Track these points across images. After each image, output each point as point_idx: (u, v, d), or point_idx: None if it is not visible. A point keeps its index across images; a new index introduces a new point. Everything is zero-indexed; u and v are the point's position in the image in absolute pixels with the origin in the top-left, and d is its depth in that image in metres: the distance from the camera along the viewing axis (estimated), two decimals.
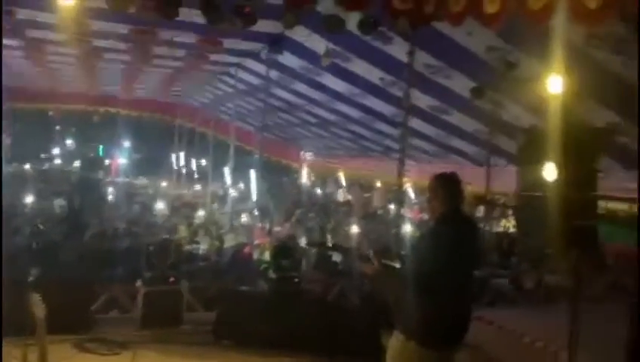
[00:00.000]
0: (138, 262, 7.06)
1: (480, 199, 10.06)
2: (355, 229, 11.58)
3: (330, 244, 5.10)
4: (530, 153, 5.09)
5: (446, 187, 3.37)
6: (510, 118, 8.52)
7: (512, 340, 7.06)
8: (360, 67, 9.55)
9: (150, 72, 14.74)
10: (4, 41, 11.41)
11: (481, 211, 10.11)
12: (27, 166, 25.77)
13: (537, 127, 5.35)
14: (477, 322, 3.37)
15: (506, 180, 9.60)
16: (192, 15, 6.96)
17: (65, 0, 4.87)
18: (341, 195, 22.07)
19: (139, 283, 6.79)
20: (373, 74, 9.63)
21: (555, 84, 4.75)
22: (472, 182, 9.07)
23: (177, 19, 6.60)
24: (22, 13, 8.94)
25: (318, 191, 23.32)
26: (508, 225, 11.85)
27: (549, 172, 4.65)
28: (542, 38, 5.08)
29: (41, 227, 10.97)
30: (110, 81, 17.52)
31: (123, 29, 9.60)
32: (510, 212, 9.40)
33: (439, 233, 3.26)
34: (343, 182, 21.69)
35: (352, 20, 6.58)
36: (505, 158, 10.01)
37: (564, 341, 4.96)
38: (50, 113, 27.01)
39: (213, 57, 11.76)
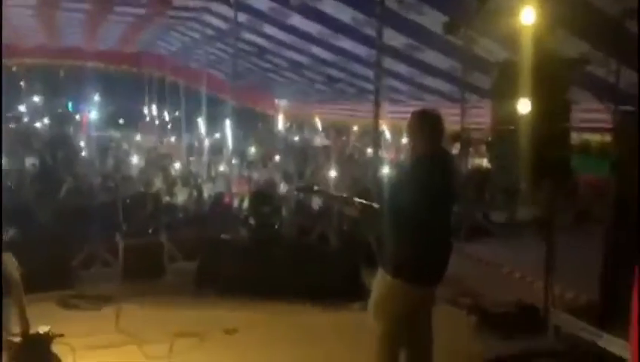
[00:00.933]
0: (116, 217, 6.99)
1: (455, 136, 10.10)
2: (333, 173, 11.57)
3: (314, 189, 5.05)
4: (503, 87, 5.07)
5: (426, 124, 3.32)
6: (484, 52, 8.44)
7: (491, 271, 7.31)
8: (330, 6, 9.29)
9: (113, 21, 14.16)
10: None
11: (456, 148, 10.16)
12: None
13: (510, 60, 5.30)
14: (456, 255, 3.43)
15: (480, 116, 9.64)
16: None
17: None
18: (318, 140, 22.01)
19: (118, 237, 6.76)
20: (345, 13, 9.38)
21: (527, 15, 4.67)
22: (448, 119, 9.07)
23: None
24: None
25: (295, 137, 23.18)
26: (481, 160, 11.99)
27: (522, 105, 4.65)
28: None
29: (11, 186, 10.73)
30: (72, 32, 16.83)
31: None
32: (484, 147, 9.47)
33: (420, 170, 3.24)
34: (319, 127, 21.57)
35: None
36: (479, 95, 10.00)
37: (540, 270, 5.15)
38: (14, 69, 25.97)
39: (178, 2, 11.33)
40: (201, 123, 17.40)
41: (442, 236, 3.30)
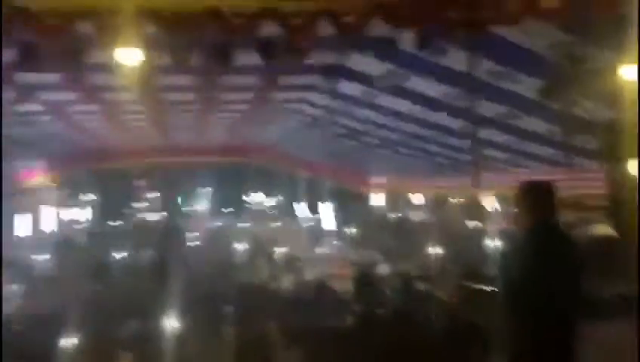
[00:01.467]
0: (221, 303, 7.16)
1: (567, 203, 9.48)
2: (436, 251, 11.23)
3: (415, 274, 4.87)
4: (613, 148, 4.75)
5: (537, 193, 3.08)
6: (585, 114, 8.05)
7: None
8: (420, 84, 9.43)
9: (220, 117, 15.30)
10: (85, 107, 12.34)
11: (568, 216, 9.51)
12: (115, 223, 27.26)
13: (617, 119, 4.99)
14: (585, 341, 3.04)
15: (590, 180, 9.03)
16: (250, 57, 7.19)
17: (132, 61, 5.11)
18: (417, 216, 21.63)
19: (225, 326, 6.87)
20: (435, 89, 9.47)
21: (630, 72, 4.43)
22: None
23: (236, 64, 6.84)
24: (96, 78, 9.60)
25: (394, 214, 22.99)
26: (603, 228, 11.06)
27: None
28: (607, 25, 4.76)
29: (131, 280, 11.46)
30: (182, 130, 18.39)
31: (188, 80, 10.06)
32: (602, 213, 8.77)
33: (535, 243, 2.97)
34: (419, 202, 21.28)
35: (405, 38, 6.52)
36: (584, 157, 9.46)
37: None
38: (131, 169, 28.58)
39: (276, 95, 12.05)
40: (302, 206, 17.86)
41: (567, 319, 2.96)
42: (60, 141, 19.26)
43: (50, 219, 19.72)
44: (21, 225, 17.01)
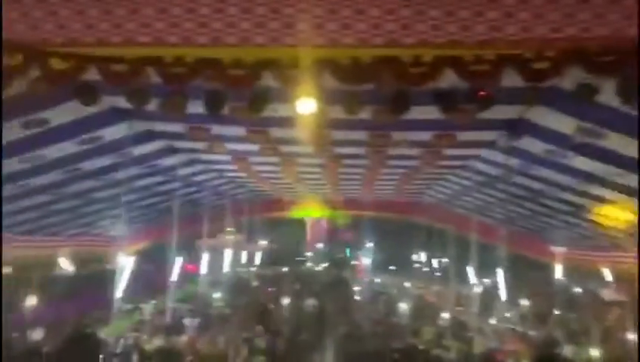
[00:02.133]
0: None
1: None
2: (631, 336, 9.53)
3: None
4: None
5: None
6: None
7: None
8: (617, 142, 8.28)
9: (387, 173, 15.22)
10: (268, 159, 13.14)
11: None
12: (285, 268, 28.46)
13: None
14: None
15: None
16: (425, 112, 6.94)
17: (309, 113, 5.18)
18: (607, 293, 18.93)
19: None
20: (632, 148, 8.23)
21: None
22: None
23: (409, 117, 6.63)
24: (276, 132, 10.13)
25: (578, 289, 20.46)
26: None
27: None
28: None
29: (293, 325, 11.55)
30: (352, 185, 18.71)
31: (360, 135, 10.12)
32: None
33: None
34: (608, 278, 18.67)
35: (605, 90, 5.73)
36: None
37: None
38: (303, 220, 29.79)
39: (448, 152, 11.58)
40: (471, 271, 16.72)
41: None
42: (240, 189, 20.92)
43: (226, 260, 21.21)
44: (203, 263, 18.47)
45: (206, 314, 14.52)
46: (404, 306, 15.61)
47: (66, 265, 20.54)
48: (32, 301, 12.93)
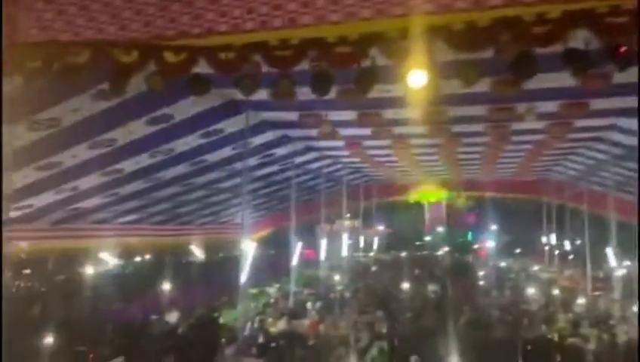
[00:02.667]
0: (515, 358, 6.28)
1: None
2: None
3: None
4: None
5: None
6: None
7: None
8: None
9: (510, 150, 14.27)
10: (382, 142, 12.90)
11: None
12: (403, 253, 28.10)
13: None
14: None
15: None
16: (551, 79, 6.28)
17: (421, 89, 4.85)
18: None
19: None
20: None
21: None
22: None
23: (534, 87, 6.03)
24: (388, 113, 9.84)
25: None
26: None
27: None
28: None
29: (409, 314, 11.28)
30: (472, 164, 17.86)
31: (479, 110, 9.51)
32: None
33: None
34: None
35: None
36: None
37: None
38: (420, 204, 29.18)
39: (580, 123, 10.54)
40: (610, 253, 15.22)
41: None
42: (356, 174, 20.88)
43: (344, 245, 21.36)
44: (322, 249, 18.76)
45: (327, 298, 14.70)
46: (533, 292, 14.62)
47: (197, 252, 21.99)
48: (167, 286, 13.91)
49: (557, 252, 22.24)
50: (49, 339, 5.98)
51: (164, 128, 9.66)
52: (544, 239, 23.45)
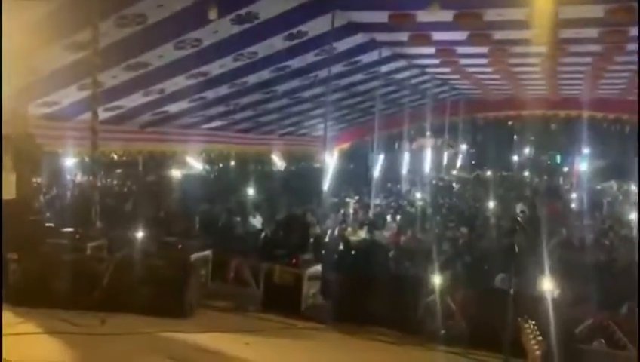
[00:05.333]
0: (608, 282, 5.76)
1: None
2: None
3: None
4: None
5: None
6: None
7: None
8: None
9: (621, 62, 12.81)
10: (477, 49, 11.92)
11: None
12: (488, 173, 27.10)
13: None
14: None
15: None
16: None
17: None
18: None
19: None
20: None
21: None
22: None
23: None
24: (489, 14, 8.92)
25: None
26: None
27: None
28: None
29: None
30: (571, 82, 16.38)
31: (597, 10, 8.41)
32: None
33: None
34: None
35: None
36: None
37: None
38: (509, 123, 27.69)
39: None
40: None
41: None
42: (443, 87, 19.79)
43: (427, 161, 20.78)
44: (403, 165, 18.37)
45: (407, 212, 14.45)
46: (633, 216, 13.55)
47: (277, 162, 22.26)
48: (250, 192, 14.18)
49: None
50: (140, 231, 6.19)
51: (249, 28, 9.35)
52: None
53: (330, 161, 15.18)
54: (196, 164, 17.94)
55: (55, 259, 5.09)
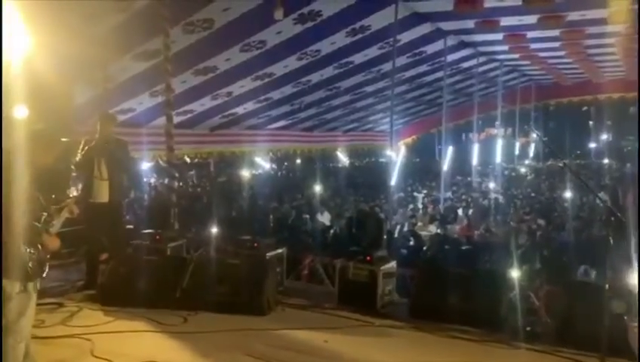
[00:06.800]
0: None
1: None
2: None
3: None
4: None
5: None
6: None
7: None
8: None
9: None
10: (549, 33, 11.33)
11: None
12: (562, 162, 25.84)
13: None
14: None
15: None
16: None
17: None
18: None
19: None
20: None
21: None
22: None
23: None
24: None
25: None
26: None
27: None
28: None
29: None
30: None
31: None
32: None
33: None
34: None
35: None
36: None
37: None
38: (584, 108, 26.37)
39: None
40: None
41: None
42: (513, 74, 19.05)
43: (498, 152, 20.08)
44: (473, 157, 17.83)
45: (480, 205, 14.03)
46: None
47: (343, 158, 22.26)
48: (317, 188, 14.23)
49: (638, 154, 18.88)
50: (215, 230, 6.34)
51: (312, 27, 9.38)
52: None
53: (397, 156, 14.95)
54: (264, 164, 18.24)
55: (139, 260, 5.30)
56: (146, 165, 13.76)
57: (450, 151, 15.33)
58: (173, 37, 7.56)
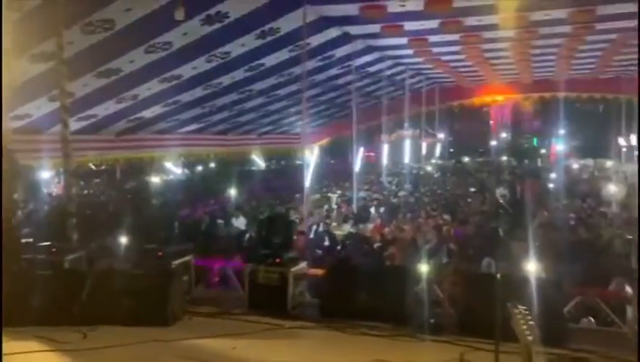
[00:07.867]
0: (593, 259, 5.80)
1: None
2: None
3: None
4: None
5: None
6: None
7: None
8: None
9: (591, 41, 12.96)
10: (449, 37, 11.90)
11: None
12: (466, 159, 27.29)
13: None
14: None
15: None
16: None
17: None
18: None
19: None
20: None
21: None
22: None
23: None
24: (459, 1, 8.92)
25: None
26: None
27: None
28: None
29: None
30: (543, 65, 16.56)
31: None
32: None
33: None
34: None
35: None
36: None
37: None
38: (485, 109, 27.88)
39: None
40: None
41: None
42: (418, 77, 19.80)
43: (406, 152, 20.80)
44: (383, 156, 18.36)
45: (390, 203, 14.46)
46: (611, 193, 13.72)
47: (258, 161, 22.12)
48: (232, 192, 14.06)
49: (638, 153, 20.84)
50: (121, 239, 6.07)
51: (220, 28, 9.23)
52: (621, 140, 21.97)
53: (311, 158, 15.07)
54: (175, 169, 17.72)
55: (31, 276, 4.95)
56: (46, 174, 12.96)
57: (361, 152, 15.65)
58: (71, 37, 7.16)
